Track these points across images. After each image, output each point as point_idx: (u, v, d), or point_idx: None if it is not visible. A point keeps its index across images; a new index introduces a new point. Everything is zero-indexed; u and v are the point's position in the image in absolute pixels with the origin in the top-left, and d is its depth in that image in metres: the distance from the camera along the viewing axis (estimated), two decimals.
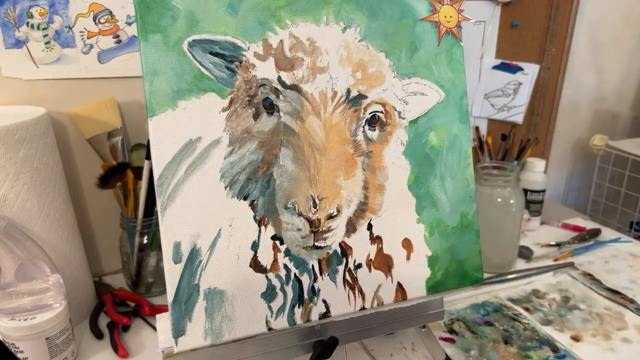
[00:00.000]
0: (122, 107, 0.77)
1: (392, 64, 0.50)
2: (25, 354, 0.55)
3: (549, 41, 1.06)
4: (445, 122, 0.52)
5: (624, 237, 0.98)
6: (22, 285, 0.56)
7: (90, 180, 0.74)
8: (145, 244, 0.73)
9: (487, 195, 0.80)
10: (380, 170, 0.50)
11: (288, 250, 0.47)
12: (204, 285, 0.44)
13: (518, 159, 1.06)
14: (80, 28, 0.71)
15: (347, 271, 0.49)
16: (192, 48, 0.44)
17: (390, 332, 0.65)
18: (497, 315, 0.72)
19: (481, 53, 1.03)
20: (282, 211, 0.46)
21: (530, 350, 0.65)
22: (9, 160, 0.58)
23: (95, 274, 0.79)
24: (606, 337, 0.67)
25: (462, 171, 0.53)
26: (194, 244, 0.44)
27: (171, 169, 0.43)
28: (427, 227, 0.52)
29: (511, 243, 0.84)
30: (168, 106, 0.43)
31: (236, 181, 0.45)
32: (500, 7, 1.00)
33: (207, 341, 0.44)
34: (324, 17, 0.48)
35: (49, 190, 0.63)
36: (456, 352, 0.64)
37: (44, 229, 0.62)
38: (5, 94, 0.70)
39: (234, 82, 0.45)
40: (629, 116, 1.30)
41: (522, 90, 1.07)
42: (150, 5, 0.43)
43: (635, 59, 1.23)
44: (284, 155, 0.46)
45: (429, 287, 0.52)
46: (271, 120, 0.46)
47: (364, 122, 0.49)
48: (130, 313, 0.70)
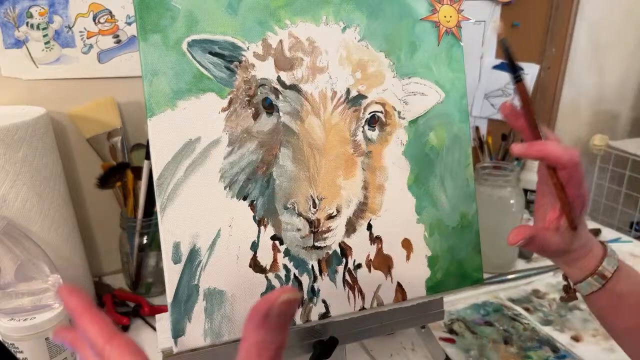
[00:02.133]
0: (121, 107, 0.77)
1: (391, 63, 0.50)
2: (25, 354, 0.55)
3: (549, 41, 1.06)
4: (445, 122, 0.52)
5: (624, 237, 0.98)
6: (22, 286, 0.56)
7: (90, 180, 0.74)
8: (144, 244, 0.73)
9: (487, 195, 0.80)
10: (380, 170, 0.50)
11: (288, 251, 0.47)
12: (204, 285, 0.44)
13: (518, 159, 1.06)
14: (80, 28, 0.71)
15: (347, 271, 0.49)
16: (191, 48, 0.43)
17: (390, 332, 0.65)
18: (497, 315, 0.72)
19: (481, 53, 1.03)
20: (281, 211, 0.46)
21: (530, 350, 0.65)
22: (8, 160, 0.58)
23: (95, 274, 0.79)
24: (606, 337, 0.67)
25: (462, 171, 0.53)
26: (194, 244, 0.44)
27: (170, 169, 0.43)
28: (427, 227, 0.52)
29: None
30: (167, 106, 0.43)
31: (236, 181, 0.45)
32: (500, 7, 1.00)
33: (206, 341, 0.44)
34: (324, 17, 0.48)
35: (48, 190, 0.63)
36: (456, 352, 0.64)
37: (43, 229, 0.62)
38: (5, 94, 0.70)
39: (233, 82, 0.45)
40: (629, 116, 1.30)
41: None
42: (150, 5, 0.42)
43: (635, 59, 1.23)
44: (284, 155, 0.46)
45: (429, 287, 0.52)
46: (271, 120, 0.46)
47: (363, 122, 0.49)
48: (129, 313, 0.70)
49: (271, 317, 0.26)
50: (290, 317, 0.27)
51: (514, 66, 0.41)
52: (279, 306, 0.26)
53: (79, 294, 0.30)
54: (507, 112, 0.43)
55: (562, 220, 0.44)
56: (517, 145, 0.41)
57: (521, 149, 0.41)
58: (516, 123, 0.43)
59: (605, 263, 0.44)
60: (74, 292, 0.30)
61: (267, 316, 0.26)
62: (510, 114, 0.43)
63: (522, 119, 0.43)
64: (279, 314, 0.26)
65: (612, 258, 0.44)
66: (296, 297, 0.27)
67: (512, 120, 0.43)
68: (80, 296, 0.30)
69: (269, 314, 0.26)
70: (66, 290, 0.30)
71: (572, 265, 0.46)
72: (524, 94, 0.41)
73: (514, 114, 0.43)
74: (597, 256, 0.45)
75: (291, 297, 0.26)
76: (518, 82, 0.41)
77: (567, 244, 0.44)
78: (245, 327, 0.27)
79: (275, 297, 0.26)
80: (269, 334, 0.26)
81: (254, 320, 0.26)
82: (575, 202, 0.42)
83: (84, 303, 0.30)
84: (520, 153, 0.41)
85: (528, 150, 0.41)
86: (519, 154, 0.41)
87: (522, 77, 0.41)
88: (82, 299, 0.30)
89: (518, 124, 0.43)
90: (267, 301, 0.26)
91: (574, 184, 0.41)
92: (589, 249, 0.45)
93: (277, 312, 0.26)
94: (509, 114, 0.43)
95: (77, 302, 0.30)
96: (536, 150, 0.40)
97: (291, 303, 0.26)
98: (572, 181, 0.41)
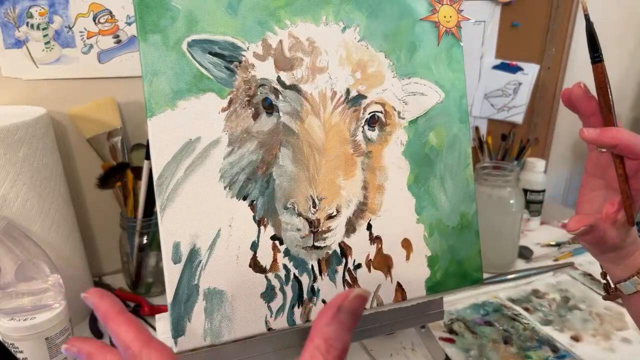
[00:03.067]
0: (121, 107, 0.77)
1: (391, 64, 0.50)
2: (25, 354, 0.55)
3: (549, 41, 1.06)
4: (444, 122, 0.52)
5: None
6: (22, 285, 0.56)
7: (90, 180, 0.74)
8: (145, 244, 0.73)
9: (486, 196, 0.80)
10: (379, 170, 0.50)
11: (287, 251, 0.47)
12: (204, 285, 0.44)
13: (518, 159, 1.06)
14: (80, 28, 0.71)
15: (347, 271, 0.49)
16: (191, 48, 0.44)
17: (390, 332, 0.65)
18: (497, 315, 0.72)
19: (481, 53, 1.03)
20: (281, 211, 0.46)
21: (530, 350, 0.65)
22: (9, 160, 0.58)
23: (95, 274, 0.79)
24: (606, 337, 0.67)
25: (461, 171, 0.53)
26: (194, 244, 0.44)
27: (170, 169, 0.43)
28: (426, 227, 0.52)
29: (511, 243, 0.84)
30: (167, 106, 0.43)
31: (235, 181, 0.45)
32: (500, 7, 1.00)
33: (206, 341, 0.44)
34: (324, 17, 0.48)
35: (49, 190, 0.63)
36: (456, 352, 0.64)
37: (43, 229, 0.62)
38: (5, 94, 0.70)
39: (233, 82, 0.45)
40: (629, 116, 1.30)
41: (522, 90, 1.07)
42: (150, 5, 0.43)
43: (635, 59, 1.23)
44: (284, 156, 0.46)
45: (429, 287, 0.52)
46: (270, 120, 0.46)
47: (363, 122, 0.49)
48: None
49: (342, 312, 0.26)
50: (359, 316, 0.27)
51: (595, 45, 0.39)
52: (351, 301, 0.27)
53: (110, 297, 0.29)
54: (580, 94, 0.41)
55: (620, 214, 0.42)
56: (588, 130, 0.39)
57: (592, 134, 0.39)
58: (587, 106, 0.41)
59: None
60: (105, 296, 0.29)
61: (339, 311, 0.26)
62: (584, 96, 0.40)
63: (593, 102, 0.40)
64: (350, 310, 0.27)
65: None
66: (368, 294, 0.27)
67: (583, 103, 0.41)
68: (112, 299, 0.29)
69: (340, 309, 0.26)
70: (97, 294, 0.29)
71: (618, 262, 0.43)
72: (603, 75, 0.39)
73: (588, 96, 0.41)
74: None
75: (363, 293, 0.27)
76: (597, 62, 0.39)
77: (622, 239, 0.42)
78: (315, 324, 0.27)
79: (348, 293, 0.27)
80: (338, 330, 0.27)
81: (326, 315, 0.27)
82: (637, 195, 0.40)
83: (116, 307, 0.29)
84: (591, 138, 0.39)
85: (600, 137, 0.39)
86: (589, 139, 0.39)
87: (601, 58, 0.39)
88: (114, 303, 0.29)
89: (589, 108, 0.41)
90: (339, 297, 0.27)
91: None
92: (637, 246, 0.43)
93: (349, 307, 0.27)
94: (582, 96, 0.41)
95: (109, 306, 0.29)
96: (610, 136, 0.38)
97: (363, 299, 0.27)
98: (639, 173, 0.39)
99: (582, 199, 0.45)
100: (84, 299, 0.29)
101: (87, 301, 0.29)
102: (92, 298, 0.29)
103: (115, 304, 0.29)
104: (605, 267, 0.46)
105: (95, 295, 0.29)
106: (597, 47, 0.39)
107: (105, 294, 0.29)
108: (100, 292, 0.29)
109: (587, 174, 0.45)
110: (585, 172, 0.45)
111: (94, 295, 0.29)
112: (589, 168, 0.44)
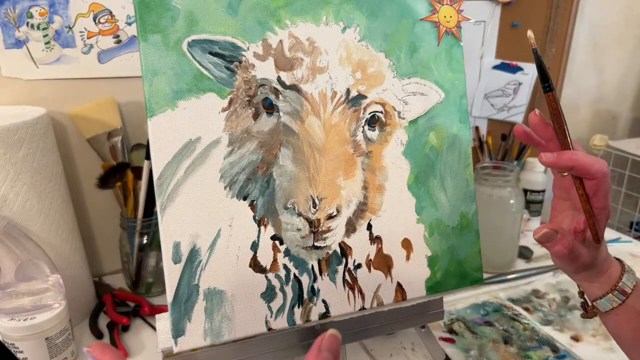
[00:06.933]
0: (122, 107, 0.77)
1: (391, 64, 0.50)
2: (25, 354, 0.55)
3: (549, 41, 1.06)
4: (444, 122, 0.52)
5: (624, 237, 0.98)
6: (22, 285, 0.56)
7: (90, 180, 0.74)
8: (145, 244, 0.73)
9: (487, 195, 0.80)
10: (379, 170, 0.50)
11: (288, 251, 0.47)
12: (204, 285, 0.44)
13: (518, 159, 1.06)
14: (80, 28, 0.71)
15: (347, 271, 0.49)
16: (191, 48, 0.44)
17: (390, 332, 0.65)
18: (497, 315, 0.72)
19: (481, 53, 1.03)
20: (281, 211, 0.46)
21: (530, 350, 0.65)
22: (9, 160, 0.58)
23: (95, 274, 0.79)
24: (606, 337, 0.67)
25: (461, 171, 0.53)
26: (194, 244, 0.44)
27: (171, 169, 0.43)
28: (426, 227, 0.52)
29: (511, 243, 0.84)
30: (167, 106, 0.43)
31: (236, 181, 0.45)
32: (500, 7, 1.00)
33: (206, 341, 0.44)
34: (324, 17, 0.48)
35: (49, 190, 0.63)
36: (456, 352, 0.64)
37: (43, 229, 0.62)
38: (5, 94, 0.70)
39: (233, 82, 0.45)
40: (629, 116, 1.30)
41: (522, 90, 1.07)
42: (150, 5, 0.43)
43: (635, 59, 1.23)
44: (284, 155, 0.46)
45: (429, 287, 0.52)
46: (271, 120, 0.46)
47: (363, 122, 0.49)
48: (130, 313, 0.70)
49: (323, 351, 0.30)
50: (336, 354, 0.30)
51: (545, 75, 0.41)
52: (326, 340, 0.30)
53: (111, 351, 0.30)
54: (536, 121, 0.42)
55: (586, 233, 0.43)
56: (546, 154, 0.41)
57: (550, 157, 0.41)
58: (543, 132, 0.43)
59: (624, 278, 0.43)
60: (106, 350, 0.30)
61: (320, 350, 0.30)
62: (540, 123, 0.42)
63: (550, 128, 0.42)
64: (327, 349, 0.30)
65: (631, 274, 0.44)
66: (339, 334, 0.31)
67: (540, 129, 0.43)
68: (113, 353, 0.30)
69: (321, 349, 0.30)
70: (99, 348, 0.30)
71: (593, 280, 0.45)
72: (555, 103, 0.41)
73: (543, 123, 0.42)
74: (616, 271, 0.44)
75: (335, 333, 0.30)
76: (548, 92, 0.41)
77: (593, 257, 0.43)
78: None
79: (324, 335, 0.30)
80: None
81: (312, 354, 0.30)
82: (600, 214, 0.41)
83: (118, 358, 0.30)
84: (549, 162, 0.41)
85: (558, 160, 0.40)
86: (547, 162, 0.41)
87: (552, 87, 0.41)
88: (116, 357, 0.30)
89: (545, 134, 0.43)
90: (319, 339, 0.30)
91: (601, 196, 0.41)
92: (610, 263, 0.44)
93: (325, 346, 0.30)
94: (538, 123, 0.42)
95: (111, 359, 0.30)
96: (566, 159, 0.40)
97: (336, 338, 0.30)
98: (599, 193, 0.40)
99: (553, 220, 0.47)
100: (86, 352, 0.30)
101: (89, 355, 0.30)
102: (94, 352, 0.30)
103: (116, 357, 0.30)
104: (581, 286, 0.47)
105: (97, 349, 0.30)
106: (547, 78, 0.41)
107: (107, 347, 0.30)
108: (102, 346, 0.30)
109: (554, 197, 0.46)
110: (553, 195, 0.46)
111: (96, 349, 0.30)
112: (555, 191, 0.46)
